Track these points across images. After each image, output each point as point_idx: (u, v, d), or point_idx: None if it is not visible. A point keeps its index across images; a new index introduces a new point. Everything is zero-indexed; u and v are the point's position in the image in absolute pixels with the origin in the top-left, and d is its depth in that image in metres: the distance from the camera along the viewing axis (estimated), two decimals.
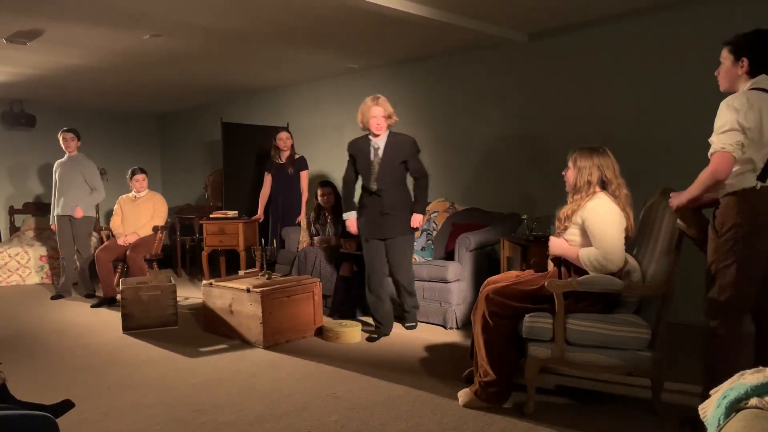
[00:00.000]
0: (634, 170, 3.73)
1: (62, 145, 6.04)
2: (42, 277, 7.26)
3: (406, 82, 6.35)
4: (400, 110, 6.33)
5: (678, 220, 2.71)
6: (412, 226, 4.27)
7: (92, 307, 5.63)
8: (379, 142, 4.24)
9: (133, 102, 8.53)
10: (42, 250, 7.27)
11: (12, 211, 8.13)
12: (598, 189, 2.94)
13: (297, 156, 6.22)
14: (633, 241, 3.08)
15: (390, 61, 6.26)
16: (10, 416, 1.52)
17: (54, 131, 6.14)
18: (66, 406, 2.88)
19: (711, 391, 1.55)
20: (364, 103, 4.22)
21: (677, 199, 2.69)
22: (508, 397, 2.93)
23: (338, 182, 5.66)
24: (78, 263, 6.10)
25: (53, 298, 6.11)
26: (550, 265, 3.15)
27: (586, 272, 2.87)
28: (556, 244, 3.05)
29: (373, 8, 4.25)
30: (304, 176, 6.21)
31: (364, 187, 4.34)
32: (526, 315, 2.85)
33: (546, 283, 2.81)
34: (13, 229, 8.05)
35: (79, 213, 5.94)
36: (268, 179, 6.26)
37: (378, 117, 4.15)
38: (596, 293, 2.83)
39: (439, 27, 4.80)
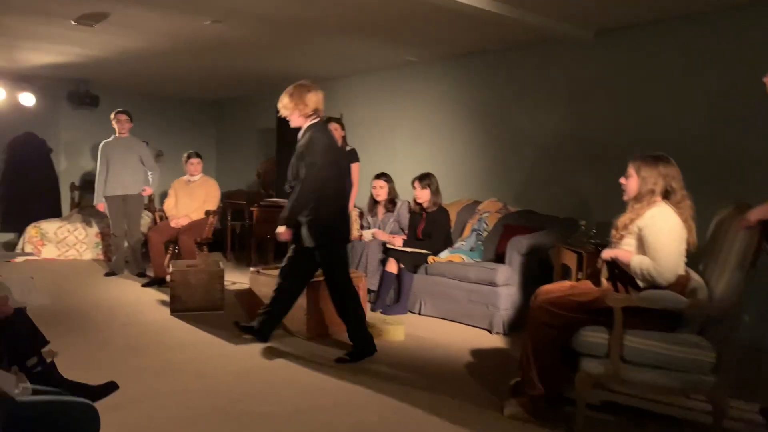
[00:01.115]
0: (702, 182, 3.50)
1: (115, 126, 6.17)
2: (97, 254, 7.49)
3: (461, 76, 6.19)
4: (453, 105, 6.25)
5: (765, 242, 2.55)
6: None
7: (143, 286, 5.75)
8: (300, 134, 3.65)
9: (191, 87, 8.68)
10: (99, 227, 7.50)
11: (73, 188, 8.41)
12: (659, 198, 2.78)
13: (348, 148, 6.16)
14: (700, 257, 2.90)
15: (446, 55, 6.12)
16: (53, 402, 1.52)
17: None
18: (110, 388, 2.92)
19: None
20: None
21: (747, 219, 2.58)
22: (556, 411, 2.81)
23: (393, 176, 5.60)
24: (129, 242, 6.25)
25: (106, 275, 6.28)
26: (603, 283, 2.99)
27: (641, 288, 2.71)
28: (608, 249, 2.91)
29: (439, 1, 4.12)
30: (355, 168, 6.12)
31: None
32: (581, 328, 2.71)
33: (605, 296, 2.67)
34: (73, 205, 8.33)
35: (149, 191, 6.37)
36: None
37: None
38: (654, 309, 2.67)
39: (501, 21, 4.62)
